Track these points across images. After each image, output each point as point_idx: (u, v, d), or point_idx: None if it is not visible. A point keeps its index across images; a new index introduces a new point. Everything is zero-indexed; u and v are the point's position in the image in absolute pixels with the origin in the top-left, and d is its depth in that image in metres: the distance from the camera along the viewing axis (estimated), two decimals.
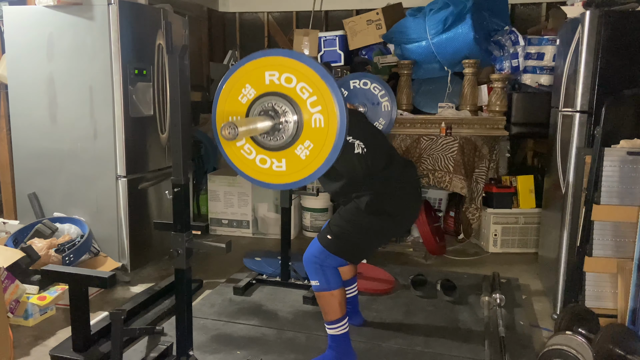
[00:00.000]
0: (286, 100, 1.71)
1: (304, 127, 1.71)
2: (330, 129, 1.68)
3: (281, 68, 1.70)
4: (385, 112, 3.30)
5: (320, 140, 1.70)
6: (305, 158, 1.73)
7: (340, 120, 1.66)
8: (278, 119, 1.72)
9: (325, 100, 1.67)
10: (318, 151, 1.71)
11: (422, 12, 4.49)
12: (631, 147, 2.69)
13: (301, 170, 1.76)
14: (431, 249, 4.10)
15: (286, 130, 1.73)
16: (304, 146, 1.73)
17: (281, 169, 1.78)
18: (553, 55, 4.17)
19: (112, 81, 3.31)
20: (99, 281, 2.48)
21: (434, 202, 4.62)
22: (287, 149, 1.75)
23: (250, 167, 1.83)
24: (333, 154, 1.70)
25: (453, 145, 4.27)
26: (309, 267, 2.42)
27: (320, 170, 1.73)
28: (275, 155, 1.78)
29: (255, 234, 4.67)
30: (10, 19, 3.47)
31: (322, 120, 1.68)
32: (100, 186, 3.43)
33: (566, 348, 2.30)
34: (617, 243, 2.73)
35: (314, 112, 1.69)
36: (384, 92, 3.30)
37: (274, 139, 1.75)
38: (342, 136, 1.67)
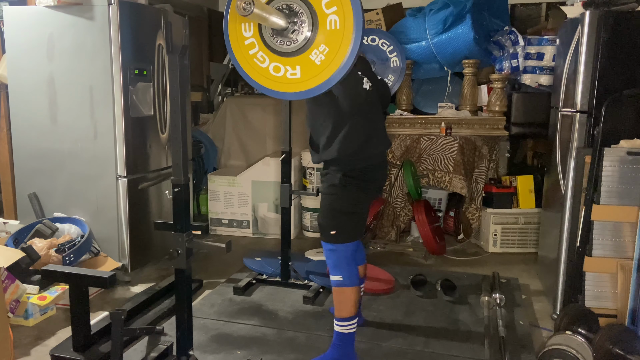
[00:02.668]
0: (301, 0, 1.64)
1: (319, 30, 1.64)
2: (347, 31, 1.60)
3: None
4: (394, 68, 3.26)
5: (335, 43, 1.62)
6: (320, 63, 1.66)
7: (356, 20, 1.59)
8: (293, 18, 1.65)
9: (341, 0, 1.60)
10: (333, 55, 1.63)
11: (422, 12, 4.49)
12: (631, 147, 2.70)
13: (316, 77, 1.68)
14: (431, 249, 4.10)
15: (300, 32, 1.65)
16: (319, 50, 1.65)
17: (295, 76, 1.71)
18: (553, 55, 4.17)
19: (112, 81, 3.31)
20: (99, 281, 2.48)
21: (434, 202, 4.62)
22: (302, 54, 1.68)
23: (264, 75, 1.76)
24: (349, 59, 1.62)
25: (453, 145, 4.28)
26: (331, 263, 2.44)
27: (335, 75, 1.65)
28: (289, 61, 1.71)
29: (255, 234, 4.67)
30: (11, 19, 3.47)
31: (338, 21, 1.61)
32: (100, 186, 3.43)
33: (566, 348, 2.31)
34: (617, 243, 2.73)
35: (329, 13, 1.61)
36: (393, 48, 3.24)
37: (288, 41, 1.68)
38: (359, 38, 1.59)
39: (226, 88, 5.65)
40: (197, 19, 5.63)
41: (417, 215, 4.10)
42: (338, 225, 2.43)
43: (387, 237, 4.50)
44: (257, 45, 1.75)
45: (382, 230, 4.51)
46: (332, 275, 2.45)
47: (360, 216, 2.55)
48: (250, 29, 1.74)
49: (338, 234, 2.42)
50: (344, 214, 2.44)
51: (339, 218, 2.44)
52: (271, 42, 1.74)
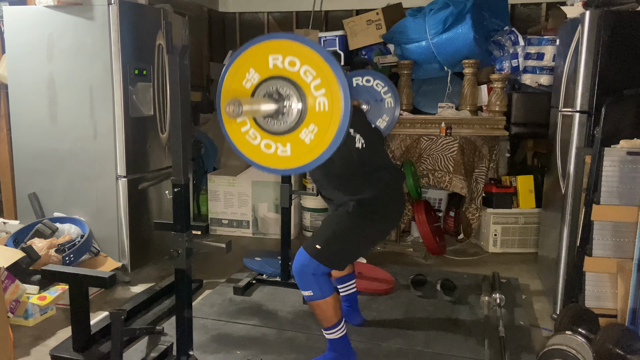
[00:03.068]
0: (290, 83, 1.69)
1: (308, 111, 1.69)
2: (335, 112, 1.65)
3: (284, 51, 1.69)
4: (388, 109, 3.29)
5: (324, 123, 1.68)
6: (309, 142, 1.71)
7: (345, 103, 1.64)
8: (282, 102, 1.70)
9: (329, 83, 1.65)
10: (323, 135, 1.68)
11: (422, 12, 4.49)
12: (631, 147, 2.69)
13: (306, 155, 1.73)
14: (431, 249, 4.10)
15: (290, 114, 1.70)
16: (309, 130, 1.70)
17: (286, 153, 1.76)
18: (553, 55, 4.17)
19: (112, 81, 3.31)
20: (99, 281, 2.48)
21: (434, 202, 4.62)
22: (292, 133, 1.72)
23: (256, 152, 1.81)
24: (337, 138, 1.67)
25: (453, 145, 4.27)
26: (300, 278, 2.37)
27: (324, 154, 1.70)
28: (280, 139, 1.75)
29: (255, 234, 4.67)
30: (10, 19, 3.46)
31: (327, 103, 1.66)
32: (100, 186, 3.43)
33: (566, 348, 2.31)
34: (617, 243, 2.73)
35: (318, 96, 1.67)
36: (387, 89, 3.28)
37: (278, 123, 1.73)
38: (347, 119, 1.65)
39: None
40: (197, 19, 5.63)
41: (417, 215, 4.10)
42: (328, 245, 2.37)
43: (387, 237, 4.50)
44: (249, 123, 1.82)
45: None
46: (303, 290, 2.39)
47: (352, 250, 2.50)
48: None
49: (321, 252, 2.34)
50: (339, 239, 2.40)
51: (332, 239, 2.40)
52: (262, 122, 1.80)
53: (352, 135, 2.42)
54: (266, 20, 5.89)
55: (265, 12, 5.87)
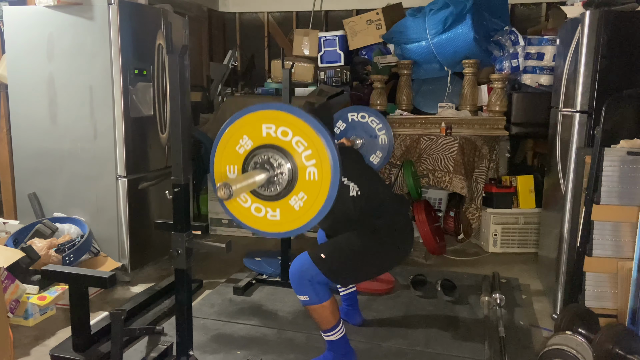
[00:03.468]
0: (282, 153, 1.75)
1: (299, 180, 1.76)
2: (324, 183, 1.73)
3: (278, 121, 1.75)
4: (382, 146, 3.35)
5: (314, 192, 1.75)
6: (299, 209, 1.78)
7: (334, 174, 1.71)
8: (273, 171, 1.76)
9: (319, 154, 1.72)
10: (311, 203, 1.76)
11: (422, 12, 4.49)
12: (631, 147, 2.69)
13: (295, 221, 1.80)
14: (431, 249, 4.10)
15: (281, 182, 1.77)
16: (298, 197, 1.77)
17: (275, 218, 1.83)
18: (553, 55, 4.17)
19: (112, 81, 3.31)
20: (99, 281, 2.48)
21: (434, 202, 4.61)
22: (282, 199, 1.79)
23: (245, 214, 1.87)
24: (326, 206, 1.75)
25: (453, 145, 4.27)
26: (296, 283, 2.36)
27: (313, 220, 1.78)
28: (269, 204, 1.82)
29: (255, 234, 4.66)
30: (10, 19, 3.46)
31: (316, 173, 1.73)
32: (100, 186, 3.43)
33: (566, 348, 2.30)
34: (617, 243, 2.73)
35: (308, 166, 1.74)
36: (382, 126, 3.34)
37: (268, 190, 1.79)
38: (335, 189, 1.72)
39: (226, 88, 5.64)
40: (197, 19, 5.63)
41: (417, 215, 4.10)
42: (332, 256, 2.36)
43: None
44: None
45: None
46: (299, 295, 2.38)
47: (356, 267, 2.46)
48: (234, 171, 1.86)
49: (325, 261, 2.33)
50: (344, 252, 2.40)
51: (338, 253, 2.39)
52: None
53: (346, 184, 2.44)
54: (266, 20, 5.89)
55: (265, 12, 5.87)
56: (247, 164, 1.81)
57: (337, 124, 3.34)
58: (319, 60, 5.06)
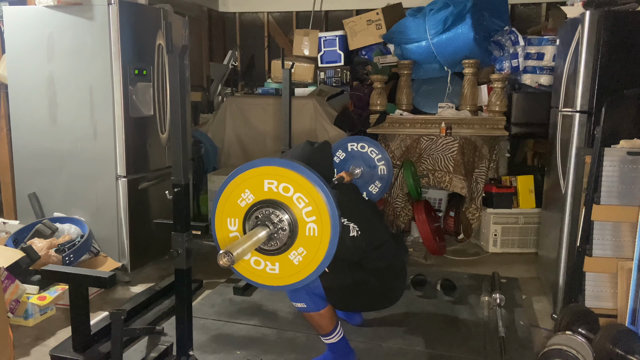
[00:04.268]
0: (282, 209, 1.78)
1: (299, 235, 1.78)
2: (324, 239, 1.75)
3: (280, 178, 1.77)
4: (381, 176, 3.37)
5: (313, 248, 1.77)
6: (298, 264, 1.80)
7: (333, 231, 1.74)
8: (274, 228, 1.79)
9: (320, 211, 1.74)
10: (311, 258, 1.78)
11: (422, 12, 4.49)
12: (631, 147, 2.69)
13: (294, 275, 1.83)
14: (431, 249, 4.10)
15: (281, 238, 1.80)
16: (297, 252, 1.80)
17: (274, 271, 1.85)
18: (553, 55, 4.17)
19: (112, 81, 3.31)
20: (99, 281, 2.48)
21: (434, 202, 4.61)
22: (281, 254, 1.82)
23: (244, 267, 1.89)
24: (325, 262, 1.77)
25: (453, 145, 4.27)
26: (291, 292, 2.35)
27: (312, 275, 1.80)
28: (269, 258, 1.84)
29: None
30: (10, 19, 3.47)
31: (316, 229, 1.76)
32: (100, 186, 3.43)
33: (566, 348, 2.30)
34: (617, 243, 2.73)
35: (308, 222, 1.76)
36: (381, 157, 3.37)
37: (268, 245, 1.82)
38: (334, 246, 1.74)
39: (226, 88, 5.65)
40: (197, 19, 5.63)
41: (417, 215, 4.10)
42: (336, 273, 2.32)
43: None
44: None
45: None
46: (295, 302, 2.37)
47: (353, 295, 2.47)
48: (235, 224, 1.88)
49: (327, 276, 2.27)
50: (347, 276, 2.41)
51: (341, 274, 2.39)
52: None
53: (346, 224, 2.45)
54: (266, 20, 5.89)
55: (265, 12, 5.87)
56: (248, 218, 1.84)
57: (336, 153, 3.36)
58: (319, 60, 5.06)
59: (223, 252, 1.63)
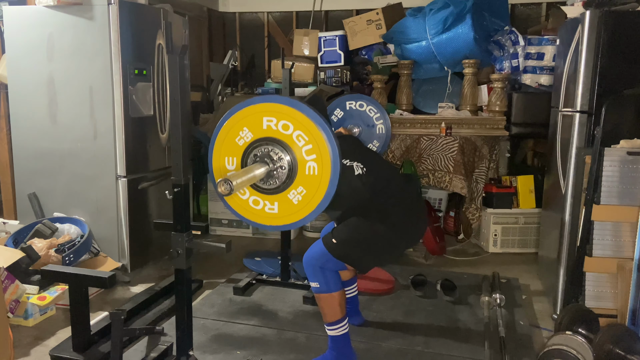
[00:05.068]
0: (282, 146, 1.75)
1: (298, 174, 1.75)
2: (324, 178, 1.72)
3: (279, 115, 1.74)
4: (379, 135, 3.34)
5: (313, 187, 1.74)
6: (297, 203, 1.78)
7: (334, 170, 1.71)
8: (273, 165, 1.76)
9: (320, 149, 1.71)
10: (310, 197, 1.76)
11: (422, 12, 4.49)
12: (631, 147, 2.69)
13: (293, 214, 1.80)
14: (431, 249, 4.10)
15: (280, 176, 1.77)
16: (297, 192, 1.77)
17: (273, 211, 1.83)
18: (553, 55, 4.17)
19: (112, 81, 3.31)
20: (99, 281, 2.48)
21: (434, 202, 4.61)
22: (280, 193, 1.79)
23: (243, 207, 1.87)
24: (324, 202, 1.75)
25: (453, 145, 4.27)
26: (309, 269, 2.41)
27: (311, 215, 1.78)
28: (268, 197, 1.82)
29: (255, 234, 4.66)
30: (10, 19, 3.46)
31: (316, 168, 1.73)
32: (100, 186, 3.43)
33: (566, 348, 2.30)
34: (617, 243, 2.73)
35: (308, 160, 1.73)
36: (379, 115, 3.33)
37: (267, 183, 1.79)
38: (334, 185, 1.72)
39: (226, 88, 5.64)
40: (197, 19, 5.63)
41: None
42: (343, 241, 2.37)
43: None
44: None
45: None
46: (311, 281, 2.42)
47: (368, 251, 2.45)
48: (233, 163, 1.86)
49: (336, 246, 2.35)
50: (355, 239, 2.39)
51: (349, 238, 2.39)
52: None
53: (349, 164, 2.43)
54: (266, 20, 5.89)
55: (265, 12, 5.87)
56: (246, 157, 1.80)
57: (334, 112, 3.33)
58: (319, 60, 5.06)
59: (222, 180, 1.61)
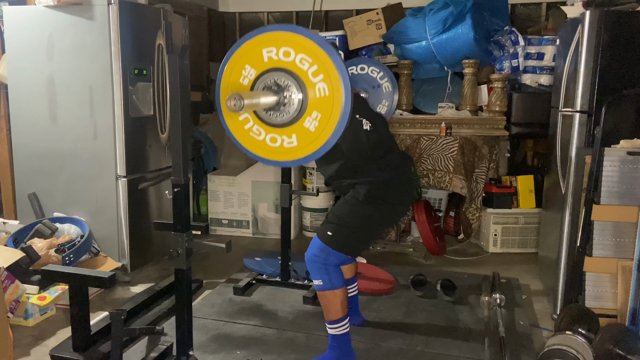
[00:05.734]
0: (287, 73, 1.69)
1: (309, 98, 1.69)
2: (336, 96, 1.65)
3: (278, 43, 1.69)
4: (386, 94, 3.27)
5: (327, 109, 1.68)
6: (314, 130, 1.71)
7: (345, 85, 1.64)
8: (282, 93, 1.70)
9: (326, 68, 1.65)
10: (327, 121, 1.69)
11: (422, 12, 4.48)
12: (631, 147, 2.69)
13: (312, 143, 1.73)
14: (431, 249, 4.10)
15: (291, 104, 1.71)
16: (312, 117, 1.70)
17: (292, 144, 1.76)
18: (553, 55, 4.16)
19: (112, 81, 3.31)
20: (99, 281, 2.48)
21: (434, 202, 4.62)
22: (296, 123, 1.73)
23: (262, 147, 1.81)
24: (342, 122, 1.67)
25: (453, 145, 4.27)
26: (311, 267, 2.42)
27: (331, 140, 1.70)
28: (284, 131, 1.76)
29: (255, 234, 4.67)
30: (10, 19, 3.46)
31: (326, 88, 1.66)
32: (100, 186, 3.43)
33: (566, 348, 2.30)
34: (617, 243, 2.73)
35: (316, 82, 1.67)
36: (383, 74, 3.26)
37: (280, 114, 1.73)
38: (349, 102, 1.65)
39: None
40: (197, 19, 5.63)
41: (417, 215, 4.10)
42: (338, 230, 2.41)
43: (387, 237, 4.50)
44: (252, 120, 1.81)
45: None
46: (314, 279, 2.43)
47: (363, 237, 2.51)
48: None
49: (333, 238, 2.39)
50: (349, 226, 2.42)
51: (343, 226, 2.41)
52: (265, 116, 1.79)
53: (359, 119, 2.44)
54: (266, 20, 5.89)
55: (265, 12, 5.87)
56: None
57: None
58: None
59: (232, 94, 1.56)
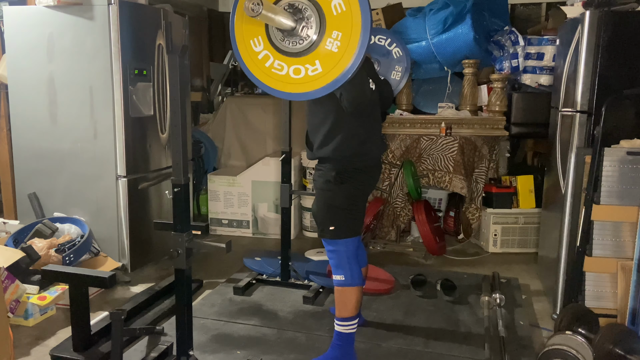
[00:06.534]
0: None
1: (327, 17, 1.64)
2: (354, 9, 1.61)
3: None
4: (398, 59, 3.21)
5: (347, 25, 1.63)
6: (337, 50, 1.67)
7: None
8: (299, 14, 1.67)
9: None
10: (349, 38, 1.64)
11: (422, 12, 4.49)
12: (631, 147, 2.69)
13: (338, 65, 1.68)
14: (431, 249, 4.10)
15: (310, 26, 1.67)
16: (333, 38, 1.66)
17: (317, 71, 1.72)
18: (553, 55, 4.17)
19: (112, 81, 3.31)
20: (99, 281, 2.48)
21: (434, 202, 4.62)
22: (317, 47, 1.69)
23: (287, 81, 1.77)
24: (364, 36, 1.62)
25: (453, 145, 4.27)
26: (334, 261, 2.44)
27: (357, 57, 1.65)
28: (307, 59, 1.71)
29: (255, 234, 4.67)
30: (10, 19, 3.46)
31: (342, 3, 1.62)
32: (100, 186, 3.43)
33: (566, 348, 2.30)
34: (617, 243, 2.73)
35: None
36: (391, 40, 3.21)
37: (300, 40, 1.70)
38: (368, 13, 1.60)
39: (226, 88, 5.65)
40: (197, 19, 5.63)
41: (417, 215, 4.10)
42: (337, 220, 2.43)
43: (387, 237, 4.50)
44: (272, 55, 1.77)
45: (382, 230, 4.51)
46: (335, 274, 2.45)
47: (357, 211, 2.55)
48: (260, 43, 1.75)
49: (337, 229, 2.42)
50: (342, 210, 2.44)
51: (337, 214, 2.43)
52: (284, 46, 1.74)
53: (367, 77, 2.44)
54: None
55: None
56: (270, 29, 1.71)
57: None
58: None
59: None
